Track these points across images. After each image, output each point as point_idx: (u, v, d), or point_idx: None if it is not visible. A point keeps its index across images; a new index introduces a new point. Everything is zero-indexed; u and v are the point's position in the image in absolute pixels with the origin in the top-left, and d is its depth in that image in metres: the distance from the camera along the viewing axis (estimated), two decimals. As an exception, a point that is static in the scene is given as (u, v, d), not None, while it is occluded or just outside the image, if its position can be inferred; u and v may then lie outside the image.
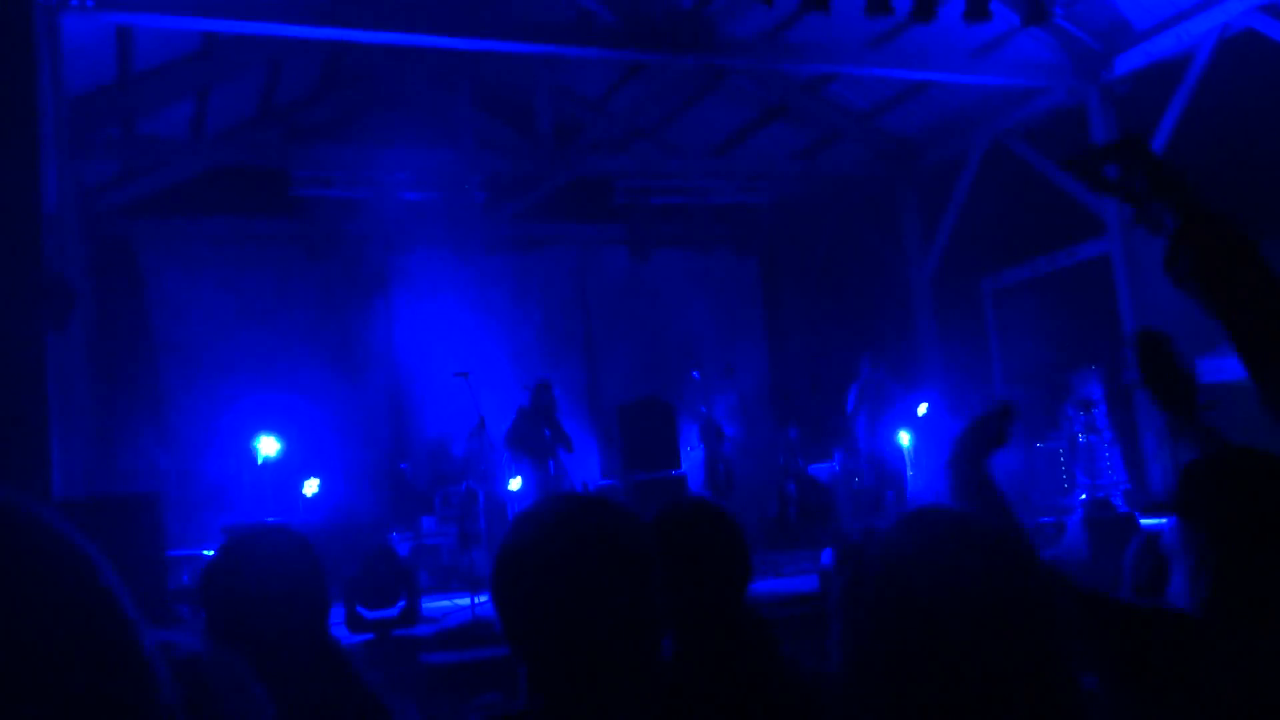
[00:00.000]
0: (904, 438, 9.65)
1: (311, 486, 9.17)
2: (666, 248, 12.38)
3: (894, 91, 11.08)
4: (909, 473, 9.57)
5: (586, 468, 11.34)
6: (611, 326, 12.55)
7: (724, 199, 12.15)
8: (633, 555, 1.32)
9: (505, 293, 11.97)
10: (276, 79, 10.59)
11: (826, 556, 6.26)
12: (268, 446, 8.78)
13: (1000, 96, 10.60)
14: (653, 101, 11.78)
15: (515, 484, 10.03)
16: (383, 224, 10.62)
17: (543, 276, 12.34)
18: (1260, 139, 7.90)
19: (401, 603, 6.11)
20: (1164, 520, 1.71)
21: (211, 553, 2.56)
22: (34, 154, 4.53)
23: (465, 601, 6.82)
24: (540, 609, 1.29)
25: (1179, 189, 1.55)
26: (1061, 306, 11.34)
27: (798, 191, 12.64)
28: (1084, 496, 7.89)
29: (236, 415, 9.43)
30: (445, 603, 7.43)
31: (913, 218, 12.09)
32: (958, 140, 11.38)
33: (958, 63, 9.52)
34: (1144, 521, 6.82)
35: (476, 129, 11.12)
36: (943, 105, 11.14)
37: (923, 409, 9.90)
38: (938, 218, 11.68)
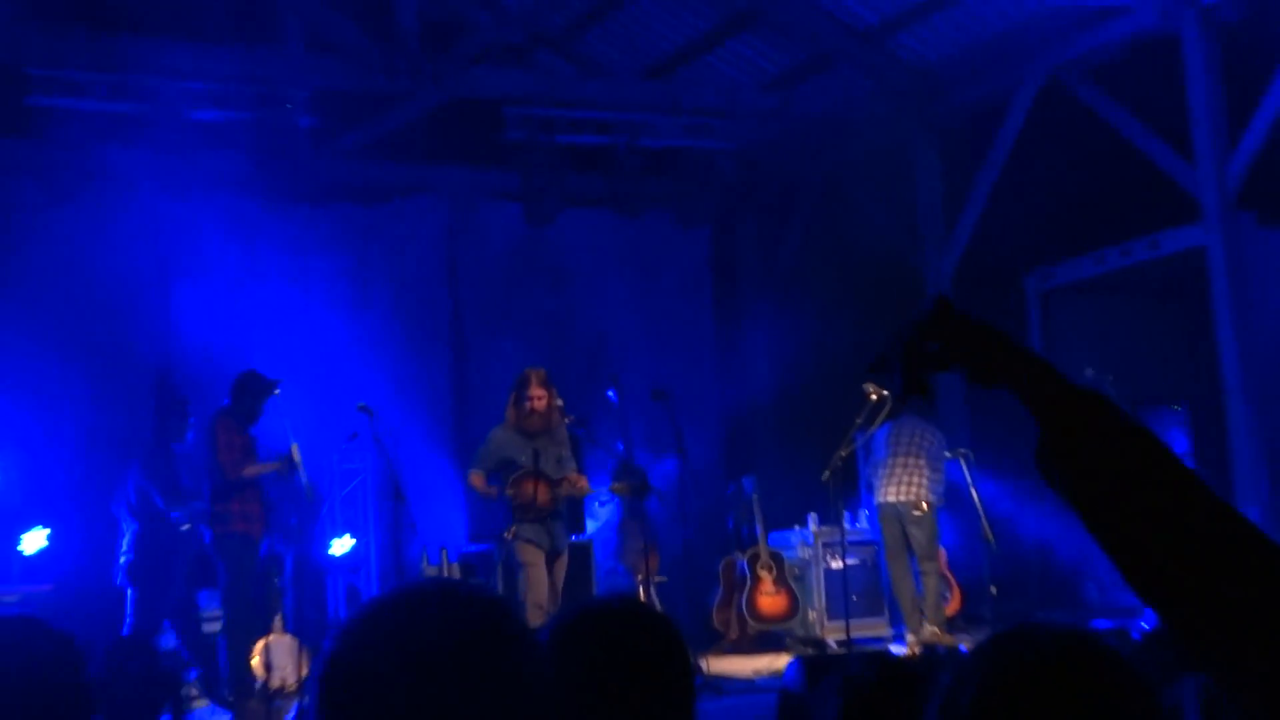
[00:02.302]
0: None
1: (35, 541, 9.01)
2: (577, 207, 12.37)
3: (913, 0, 11.20)
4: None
5: (449, 525, 11.26)
6: (493, 318, 12.52)
7: (663, 141, 12.16)
8: (514, 688, 1.36)
9: (338, 262, 11.94)
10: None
11: (791, 671, 5.99)
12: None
13: (1062, 16, 10.65)
14: (566, -6, 12.23)
15: (341, 546, 10.23)
16: (159, 154, 10.59)
17: (394, 241, 12.32)
18: None
19: None
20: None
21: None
22: None
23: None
24: None
25: (1022, 361, 1.70)
26: (1136, 318, 11.67)
27: (769, 136, 12.67)
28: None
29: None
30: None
31: (932, 183, 12.22)
32: (999, 75, 11.46)
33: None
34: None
35: (308, 22, 11.05)
36: (981, 24, 11.17)
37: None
38: (967, 184, 11.78)
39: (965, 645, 8.79)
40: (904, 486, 10.04)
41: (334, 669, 1.38)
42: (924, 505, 9.97)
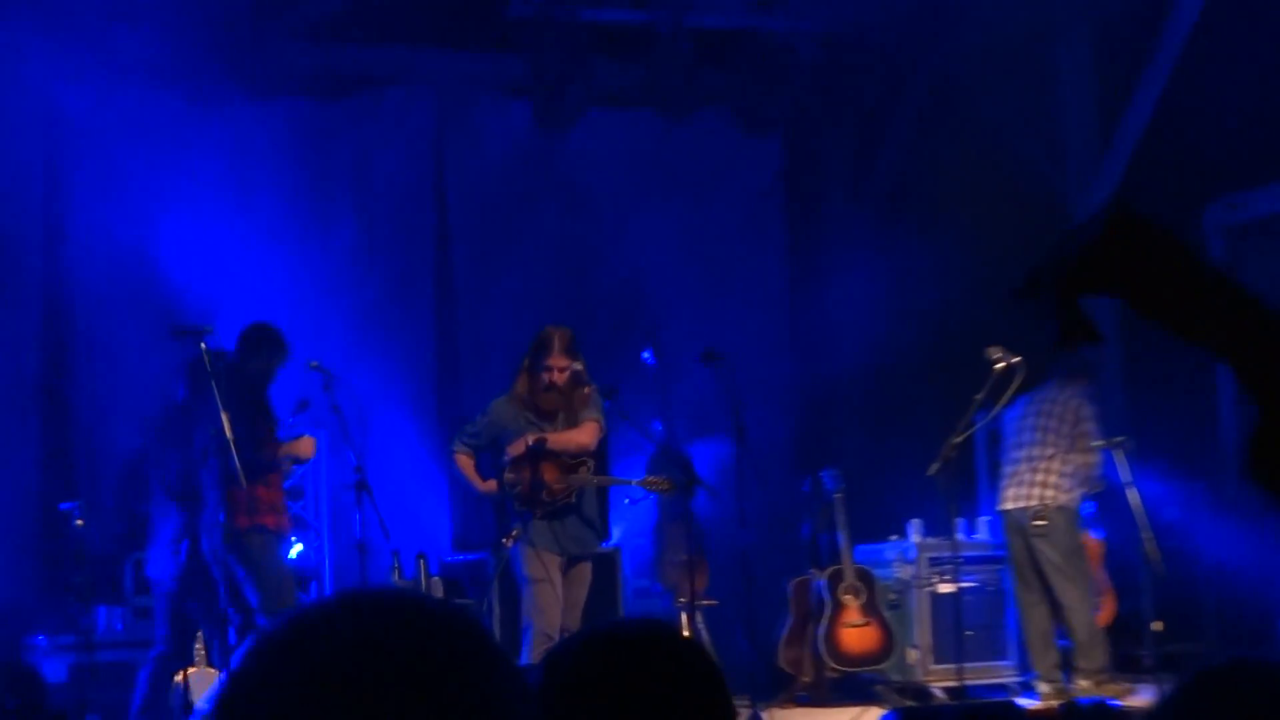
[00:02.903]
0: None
1: None
2: (604, 106, 12.45)
3: None
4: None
5: (429, 526, 11.32)
6: (492, 250, 12.58)
7: (722, 19, 12.17)
8: None
9: (287, 175, 11.81)
10: None
11: (890, 724, 7.09)
12: None
13: None
14: None
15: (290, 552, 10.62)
16: (48, 31, 10.52)
17: (362, 148, 12.29)
18: None
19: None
20: None
21: None
22: None
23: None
24: None
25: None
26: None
27: (865, 15, 12.42)
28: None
29: None
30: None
31: (1081, 84, 12.49)
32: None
33: None
34: None
35: None
36: None
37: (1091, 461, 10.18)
38: (1128, 87, 11.98)
39: (1120, 698, 9.10)
40: (1027, 488, 10.00)
41: (228, 704, 1.40)
42: (1049, 514, 9.89)
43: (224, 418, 8.70)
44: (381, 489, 9.43)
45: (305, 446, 9.29)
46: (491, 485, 8.80)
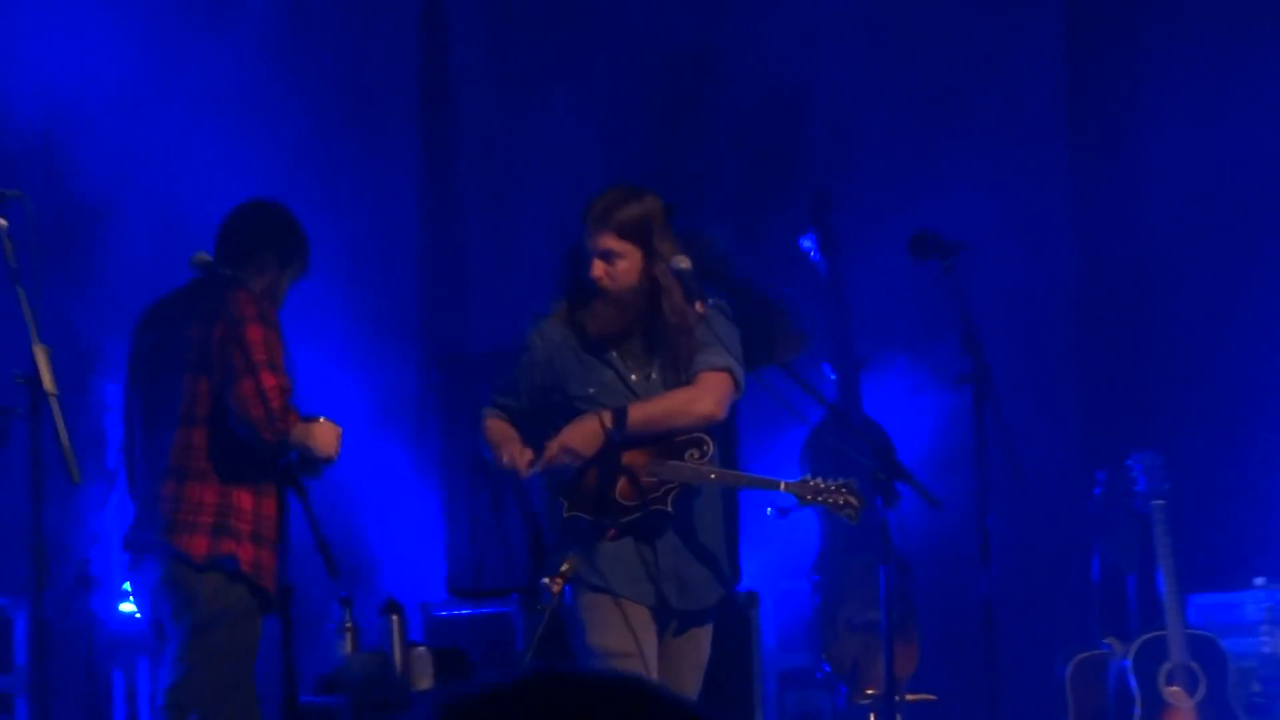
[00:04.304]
0: None
1: None
2: None
3: None
4: None
5: (409, 558, 10.47)
6: (517, 64, 11.39)
7: None
8: None
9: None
10: None
11: None
12: None
13: None
14: None
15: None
16: None
17: None
18: None
19: None
20: None
21: None
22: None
23: None
24: None
25: None
26: None
27: None
28: None
29: None
30: None
31: None
32: None
33: None
34: None
35: None
36: None
37: None
38: None
39: None
40: None
41: None
42: None
43: None
44: (326, 496, 7.71)
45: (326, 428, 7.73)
46: (527, 458, 6.97)
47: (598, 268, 6.72)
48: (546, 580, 6.51)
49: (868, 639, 9.04)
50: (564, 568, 6.50)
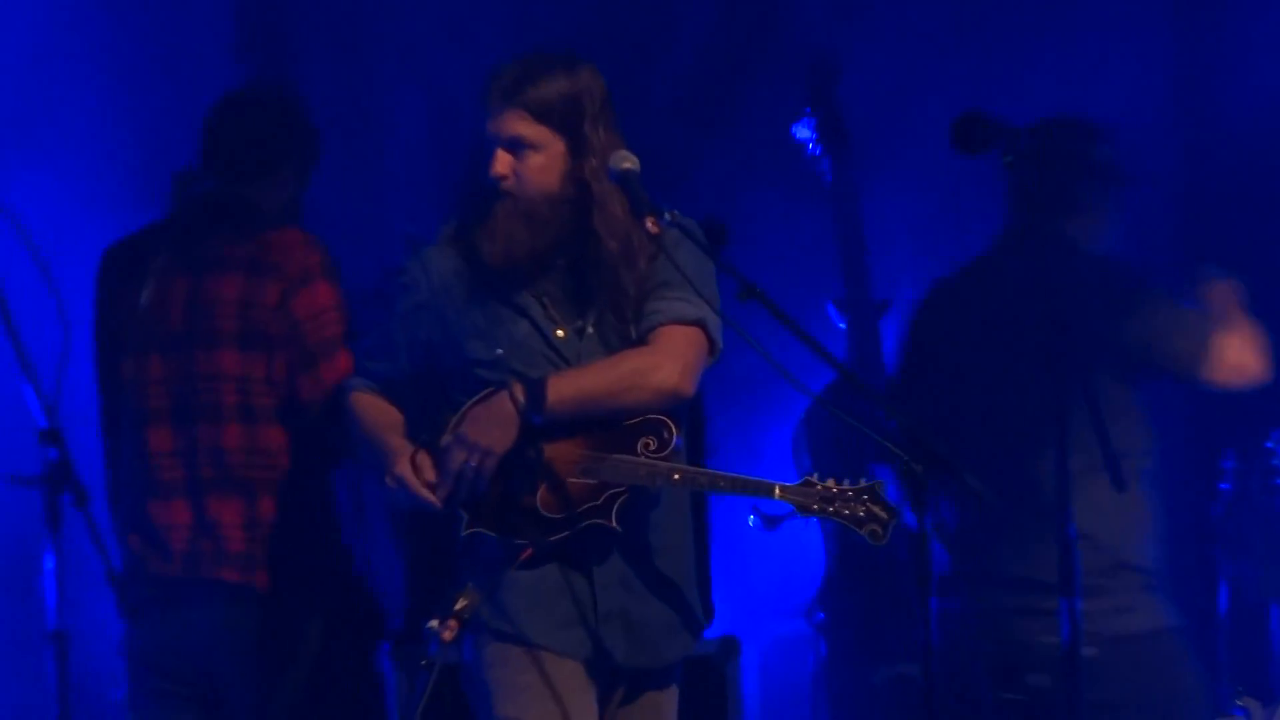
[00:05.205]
0: None
1: None
2: None
3: None
4: None
5: None
6: None
7: None
8: None
9: None
10: None
11: None
12: None
13: None
14: None
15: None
16: None
17: None
18: None
19: None
20: None
21: None
22: None
23: None
24: None
25: None
26: None
27: None
28: None
29: None
30: None
31: None
32: None
33: None
34: None
35: None
36: None
37: None
38: None
39: None
40: None
41: None
42: None
43: None
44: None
45: None
46: (430, 478, 5.98)
47: (501, 162, 5.88)
48: (434, 624, 5.78)
49: (896, 703, 8.58)
50: (459, 605, 5.79)
